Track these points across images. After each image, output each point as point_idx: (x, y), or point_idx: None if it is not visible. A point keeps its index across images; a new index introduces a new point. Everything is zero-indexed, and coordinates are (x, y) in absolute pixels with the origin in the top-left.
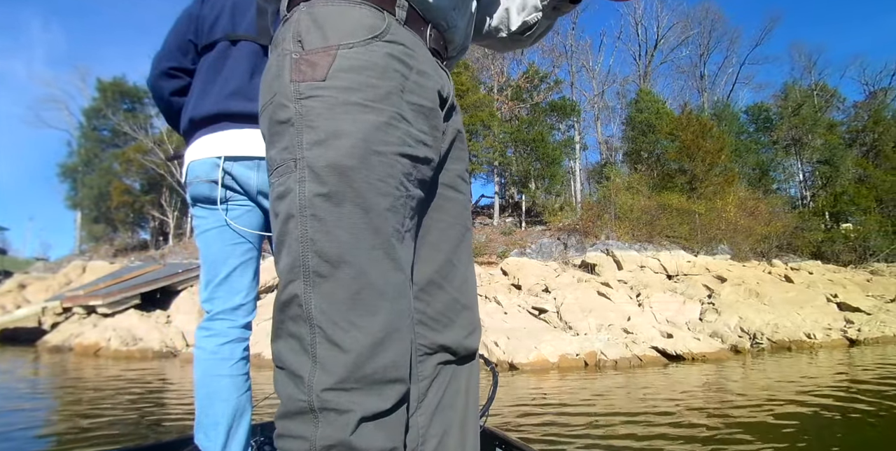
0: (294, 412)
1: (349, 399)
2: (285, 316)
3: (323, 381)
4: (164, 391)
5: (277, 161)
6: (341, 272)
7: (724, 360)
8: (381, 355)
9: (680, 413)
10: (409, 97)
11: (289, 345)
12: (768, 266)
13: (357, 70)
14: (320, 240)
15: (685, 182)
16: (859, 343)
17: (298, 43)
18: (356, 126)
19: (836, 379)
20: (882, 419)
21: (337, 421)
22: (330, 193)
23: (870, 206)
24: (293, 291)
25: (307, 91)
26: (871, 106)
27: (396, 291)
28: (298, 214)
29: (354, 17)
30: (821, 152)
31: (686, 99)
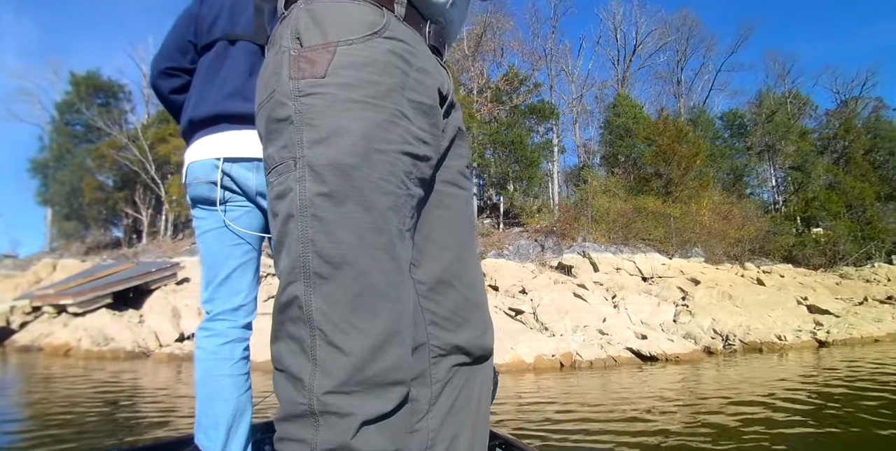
0: (294, 415)
1: (350, 402)
2: (285, 318)
3: (323, 384)
4: (137, 392)
5: (276, 160)
6: (342, 274)
7: (697, 361)
8: (381, 358)
9: (653, 414)
10: (410, 94)
11: (288, 347)
12: (741, 269)
13: (357, 67)
14: (321, 240)
15: (661, 186)
16: (828, 345)
17: (297, 40)
18: (357, 124)
19: (805, 380)
20: (847, 417)
21: (338, 425)
22: (331, 193)
23: (840, 211)
24: (293, 292)
25: (307, 88)
26: (843, 114)
27: (397, 292)
28: (298, 215)
29: (353, 14)
30: (793, 159)
31: (663, 104)
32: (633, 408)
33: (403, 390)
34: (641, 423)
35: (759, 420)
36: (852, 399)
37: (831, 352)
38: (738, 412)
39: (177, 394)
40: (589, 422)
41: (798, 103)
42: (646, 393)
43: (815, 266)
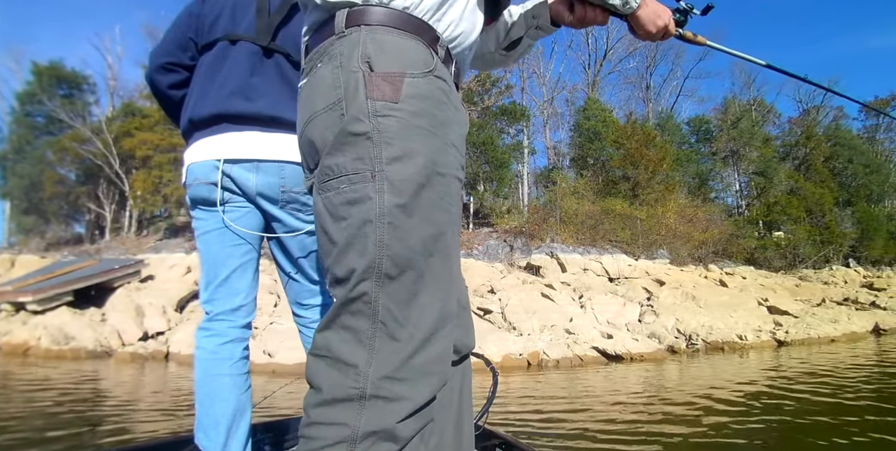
0: (338, 399)
1: (401, 389)
2: (345, 310)
3: (380, 369)
4: (99, 393)
5: (348, 169)
6: (406, 276)
7: (661, 360)
8: (429, 350)
9: (620, 411)
10: (453, 128)
11: (340, 336)
12: (705, 271)
13: (421, 98)
14: (395, 246)
15: (628, 189)
16: (786, 344)
17: (367, 63)
18: (425, 148)
19: (764, 377)
20: (801, 412)
21: (384, 408)
22: (405, 205)
23: (800, 216)
24: (363, 289)
25: (383, 110)
26: (805, 122)
27: (447, 295)
28: (377, 221)
29: (414, 50)
30: (756, 164)
31: (632, 109)
32: (602, 403)
33: (442, 380)
34: (612, 419)
35: (718, 414)
36: (806, 395)
37: (789, 351)
38: (700, 408)
39: (140, 396)
40: (557, 419)
41: (762, 111)
42: (612, 391)
43: (776, 269)
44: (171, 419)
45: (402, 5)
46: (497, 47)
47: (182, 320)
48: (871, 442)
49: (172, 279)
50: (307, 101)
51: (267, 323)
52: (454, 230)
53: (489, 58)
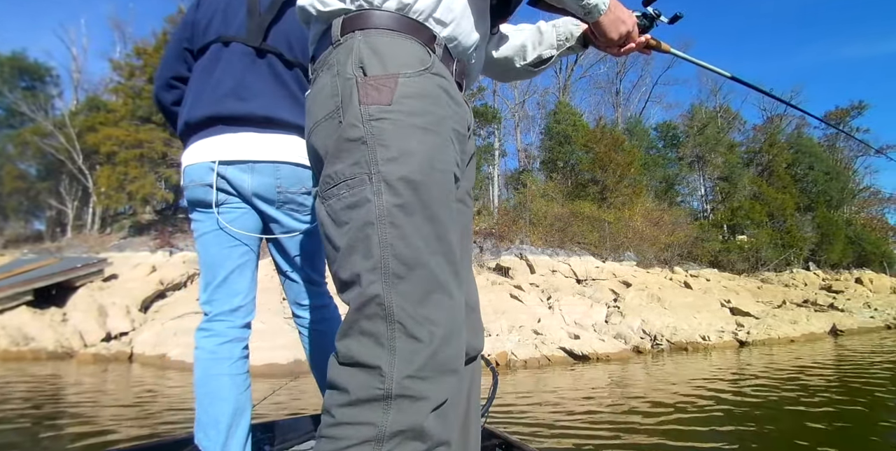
0: (364, 400)
1: (426, 387)
2: (361, 315)
3: (403, 369)
4: (61, 395)
5: (346, 175)
6: (415, 274)
7: (626, 360)
8: (449, 347)
9: (588, 407)
10: (452, 124)
11: (360, 342)
12: (670, 273)
13: (416, 97)
14: (398, 245)
15: (597, 192)
16: (748, 345)
17: (360, 69)
18: (422, 146)
19: (726, 376)
20: (760, 410)
21: (411, 407)
22: (404, 204)
23: (762, 220)
24: (374, 291)
25: (377, 114)
26: (768, 130)
27: (456, 291)
28: (377, 222)
29: (408, 50)
30: (721, 170)
31: (601, 113)
32: (573, 401)
33: (459, 378)
34: (575, 415)
35: (680, 412)
36: (765, 393)
37: (750, 351)
38: (663, 406)
39: (103, 398)
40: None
41: (728, 118)
42: (578, 389)
43: (739, 271)
44: (137, 424)
45: (396, 7)
46: (524, 62)
47: (146, 321)
48: (829, 435)
49: (137, 279)
50: (310, 110)
51: None
52: (459, 227)
53: (516, 72)
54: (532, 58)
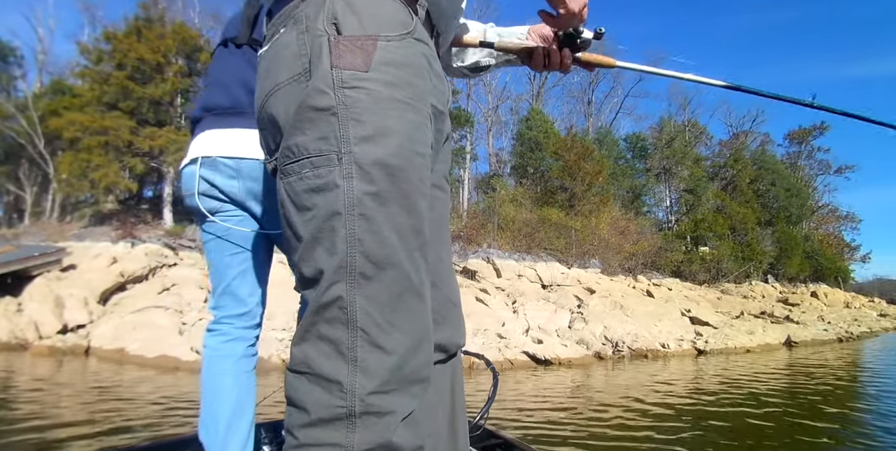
0: (326, 419)
1: (392, 401)
2: (320, 318)
3: (366, 385)
4: (11, 388)
5: (311, 150)
6: (386, 274)
7: (588, 365)
8: (417, 356)
9: (550, 411)
10: (432, 99)
11: (319, 349)
12: (633, 281)
13: (398, 65)
14: (368, 240)
15: (565, 199)
16: (706, 353)
17: (333, 25)
18: (402, 125)
19: (683, 384)
20: (714, 416)
21: (377, 424)
22: (378, 193)
23: (724, 233)
24: (336, 293)
25: (351, 81)
26: (733, 145)
27: (426, 292)
28: (346, 213)
29: (389, 9)
30: (687, 182)
31: (573, 122)
32: (530, 403)
33: (427, 385)
34: (536, 418)
35: (639, 416)
36: (720, 400)
37: (708, 360)
38: (622, 410)
39: (57, 392)
40: None
41: (695, 132)
42: (541, 392)
43: (700, 282)
44: (91, 421)
45: None
46: (462, 64)
47: (105, 313)
48: (773, 437)
49: (96, 270)
50: (269, 71)
51: (196, 319)
52: (436, 217)
53: (451, 70)
54: (470, 62)
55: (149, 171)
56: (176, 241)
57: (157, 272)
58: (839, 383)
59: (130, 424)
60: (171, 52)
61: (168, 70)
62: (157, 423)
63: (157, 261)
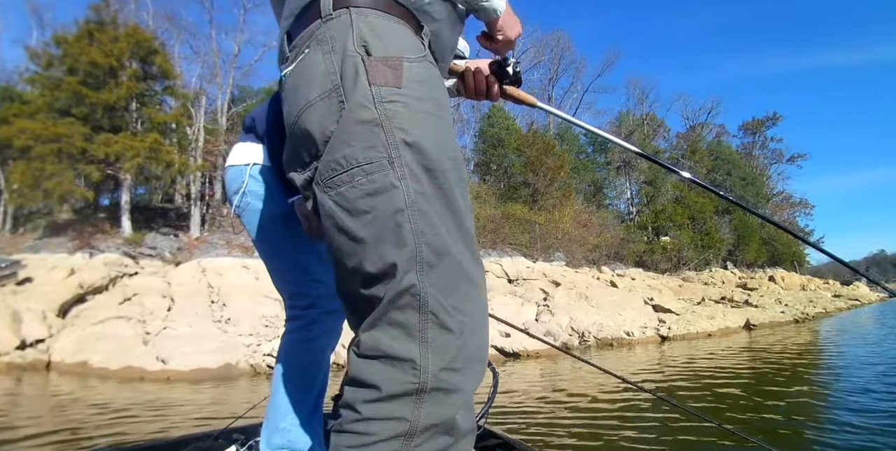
0: (396, 394)
1: (459, 379)
2: (392, 306)
3: (437, 362)
4: None
5: (360, 159)
6: (445, 262)
7: (555, 356)
8: (479, 336)
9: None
10: (449, 112)
11: (389, 334)
12: (598, 272)
13: (423, 82)
14: (428, 232)
15: (528, 194)
16: (669, 339)
17: (363, 47)
18: (435, 133)
19: (648, 370)
20: (681, 397)
21: (445, 400)
22: (425, 192)
23: (684, 223)
24: (410, 281)
25: (389, 96)
26: (690, 137)
27: (480, 281)
28: (408, 209)
29: (406, 35)
30: (646, 174)
31: (534, 118)
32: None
33: (485, 367)
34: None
35: (607, 403)
36: (686, 383)
37: (671, 345)
38: (590, 398)
39: (16, 412)
40: None
41: (653, 125)
42: (512, 387)
43: (662, 270)
44: (59, 440)
45: None
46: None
47: (65, 326)
48: (740, 420)
49: (54, 282)
50: (297, 89)
51: (160, 328)
52: (471, 217)
53: None
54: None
55: (105, 178)
56: (136, 249)
57: (117, 282)
58: (795, 360)
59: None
60: (125, 55)
61: (122, 74)
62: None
63: (116, 271)
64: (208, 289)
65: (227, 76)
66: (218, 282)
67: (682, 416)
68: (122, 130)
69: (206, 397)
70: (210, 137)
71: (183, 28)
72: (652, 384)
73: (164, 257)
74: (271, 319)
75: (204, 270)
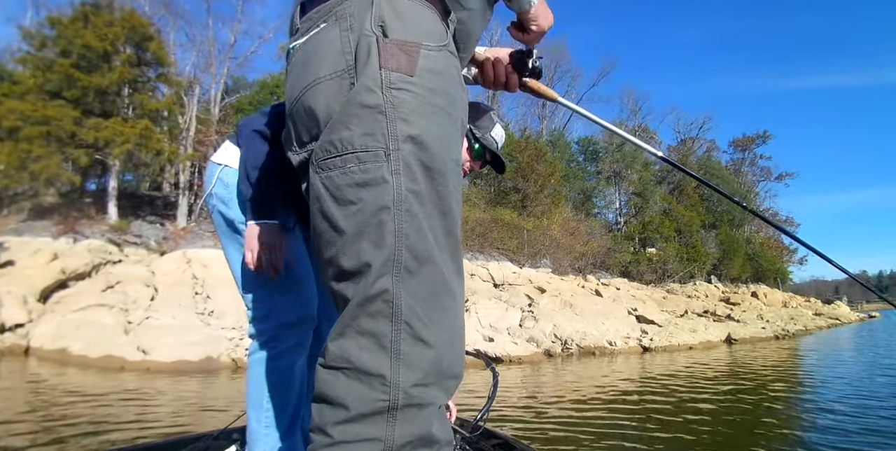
0: (366, 414)
1: (432, 393)
2: (362, 312)
3: (409, 377)
4: None
5: (356, 146)
6: (426, 270)
7: (538, 362)
8: (452, 351)
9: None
10: (461, 113)
11: (359, 343)
12: (583, 281)
13: (437, 74)
14: (412, 236)
15: (518, 200)
16: (651, 350)
17: (381, 27)
18: (442, 131)
19: (629, 380)
20: (658, 409)
21: (418, 416)
22: (419, 192)
23: (671, 235)
24: (383, 285)
25: (398, 83)
26: (681, 151)
27: (459, 293)
28: (394, 207)
29: (430, 20)
30: (636, 185)
31: (527, 124)
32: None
33: (458, 382)
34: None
35: (587, 411)
36: (664, 394)
37: (653, 356)
38: (571, 406)
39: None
40: None
41: (645, 137)
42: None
43: (647, 281)
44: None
45: None
46: None
47: (45, 312)
48: (713, 431)
49: (36, 266)
50: (307, 64)
51: (142, 318)
52: (460, 224)
53: None
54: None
55: (93, 163)
56: (121, 236)
57: (100, 269)
58: (774, 377)
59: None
60: (120, 40)
61: (116, 59)
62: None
63: (100, 257)
64: (193, 280)
65: (222, 66)
66: (203, 273)
67: (662, 423)
68: (113, 115)
69: (187, 389)
70: (202, 127)
71: (179, 15)
72: (631, 396)
73: (149, 246)
74: None
75: (189, 260)
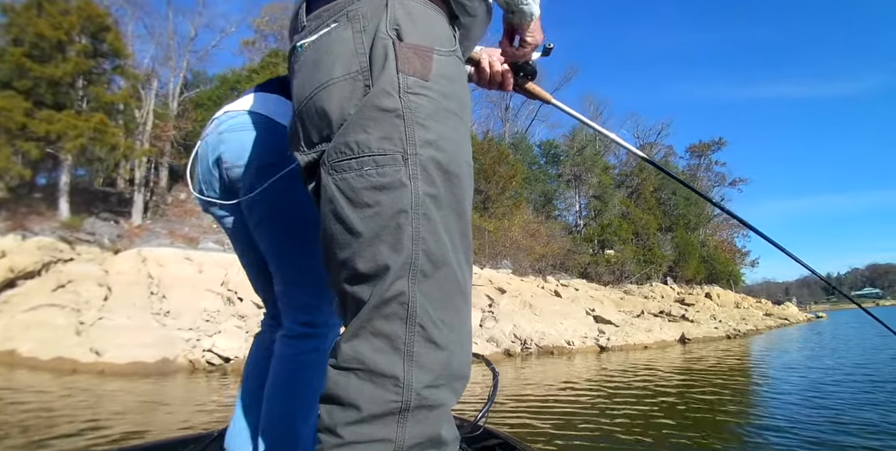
0: (378, 415)
1: (443, 395)
2: (377, 314)
3: (422, 378)
4: None
5: (373, 149)
6: (440, 273)
7: (497, 362)
8: (462, 353)
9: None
10: (469, 115)
11: (373, 345)
12: (543, 282)
13: (450, 79)
14: (429, 240)
15: (479, 201)
16: (607, 350)
17: (395, 30)
18: (457, 134)
19: (586, 378)
20: (616, 407)
21: (428, 418)
22: (437, 195)
23: (629, 237)
24: (400, 288)
25: (415, 87)
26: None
27: (469, 294)
28: (412, 212)
29: (441, 25)
30: (595, 189)
31: (490, 126)
32: None
33: (466, 383)
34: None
35: (549, 405)
36: (621, 392)
37: (609, 356)
38: (532, 403)
39: None
40: None
41: (605, 142)
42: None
43: (605, 282)
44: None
45: None
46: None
47: None
48: (671, 425)
49: None
50: (318, 63)
51: (95, 318)
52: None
53: None
54: None
55: (44, 157)
56: (73, 234)
57: (51, 268)
58: (724, 373)
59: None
60: (75, 30)
61: (70, 49)
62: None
63: (51, 255)
64: (148, 279)
65: (182, 59)
66: (159, 273)
67: (617, 417)
68: (66, 107)
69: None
70: (159, 122)
71: (138, 6)
72: (587, 393)
73: (102, 244)
74: (213, 313)
75: (144, 259)
